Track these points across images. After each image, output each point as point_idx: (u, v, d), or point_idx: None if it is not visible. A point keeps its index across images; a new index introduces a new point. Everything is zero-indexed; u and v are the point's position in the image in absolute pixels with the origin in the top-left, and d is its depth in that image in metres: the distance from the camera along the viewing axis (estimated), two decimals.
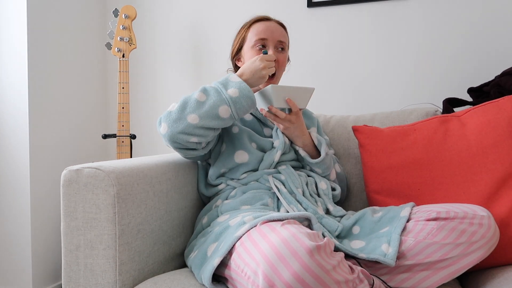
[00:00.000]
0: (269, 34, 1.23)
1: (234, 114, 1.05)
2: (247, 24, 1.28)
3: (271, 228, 0.81)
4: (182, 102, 1.05)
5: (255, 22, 1.27)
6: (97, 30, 2.07)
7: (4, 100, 1.72)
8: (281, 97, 1.11)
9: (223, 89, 1.04)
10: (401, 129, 1.24)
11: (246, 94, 1.04)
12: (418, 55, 1.70)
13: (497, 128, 1.11)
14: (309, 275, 0.70)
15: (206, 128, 1.05)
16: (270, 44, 1.23)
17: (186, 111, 1.03)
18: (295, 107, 1.13)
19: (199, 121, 1.02)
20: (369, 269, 0.95)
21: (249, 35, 1.25)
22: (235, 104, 1.04)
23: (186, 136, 1.04)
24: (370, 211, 1.08)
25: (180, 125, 1.03)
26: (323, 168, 1.22)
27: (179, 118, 1.03)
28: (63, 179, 0.93)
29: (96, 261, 0.92)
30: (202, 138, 1.06)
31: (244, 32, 1.27)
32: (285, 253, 0.72)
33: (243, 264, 0.80)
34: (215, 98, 1.04)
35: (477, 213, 0.93)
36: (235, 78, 1.06)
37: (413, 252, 0.92)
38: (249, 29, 1.26)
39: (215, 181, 1.19)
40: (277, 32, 1.25)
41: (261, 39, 1.23)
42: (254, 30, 1.24)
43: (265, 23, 1.26)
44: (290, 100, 1.12)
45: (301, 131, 1.20)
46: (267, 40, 1.23)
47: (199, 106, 1.03)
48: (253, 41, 1.23)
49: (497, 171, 1.08)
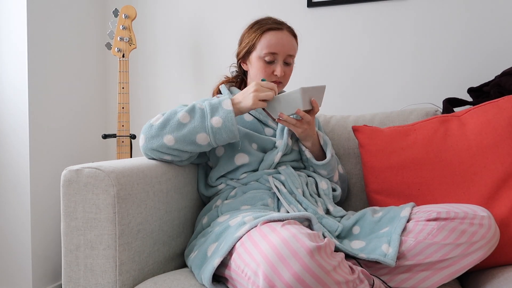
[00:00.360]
0: (280, 48, 1.19)
1: (213, 143, 1.06)
2: (259, 30, 1.21)
3: (271, 229, 0.81)
4: (165, 119, 1.06)
5: (268, 30, 1.20)
6: (97, 30, 2.07)
7: (4, 100, 1.72)
8: (308, 98, 1.09)
9: (209, 115, 1.05)
10: (401, 129, 1.24)
11: (228, 127, 1.04)
12: (418, 55, 1.70)
13: (497, 128, 1.11)
14: (309, 276, 0.70)
15: (180, 151, 1.07)
16: (279, 58, 1.20)
17: (165, 130, 1.04)
18: (318, 107, 1.12)
19: (174, 144, 1.04)
20: (369, 269, 0.95)
21: (260, 44, 1.20)
22: (215, 135, 1.04)
23: (159, 154, 1.07)
24: (370, 211, 1.08)
25: (155, 143, 1.05)
26: (329, 169, 1.22)
27: (157, 135, 1.05)
28: (63, 179, 0.93)
29: (96, 261, 0.92)
30: (176, 157, 1.09)
31: (255, 39, 1.21)
32: (285, 254, 0.72)
33: (243, 264, 0.80)
34: (196, 123, 1.04)
35: (477, 213, 0.93)
36: (226, 105, 1.05)
37: (413, 252, 0.92)
38: (261, 37, 1.20)
39: (215, 183, 1.19)
40: (288, 45, 1.20)
41: (271, 53, 1.19)
42: (265, 41, 1.19)
43: (278, 34, 1.20)
44: (315, 101, 1.10)
45: (313, 132, 1.19)
46: (277, 54, 1.19)
47: (179, 128, 1.04)
48: (263, 53, 1.19)
49: (497, 171, 1.08)
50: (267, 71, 1.20)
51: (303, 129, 1.14)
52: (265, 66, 1.20)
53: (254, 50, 1.22)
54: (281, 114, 1.10)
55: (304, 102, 1.08)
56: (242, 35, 1.28)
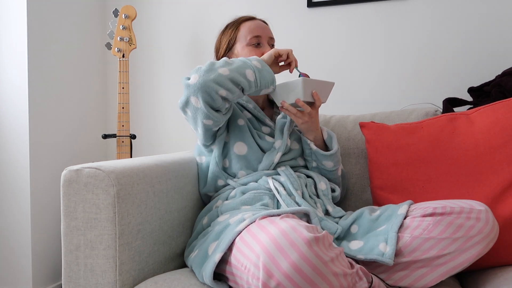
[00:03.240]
0: (262, 31, 1.25)
1: (258, 81, 1.07)
2: (234, 25, 1.28)
3: (270, 221, 0.81)
4: (210, 63, 1.06)
5: (243, 21, 1.27)
6: (97, 30, 2.07)
7: (4, 100, 1.72)
8: (309, 90, 1.10)
9: (248, 60, 1.08)
10: (408, 126, 1.24)
11: (267, 69, 1.08)
12: (418, 55, 1.70)
13: (506, 128, 1.10)
14: (307, 266, 0.71)
15: (234, 83, 1.05)
16: (264, 41, 1.25)
17: (216, 66, 1.05)
18: (320, 101, 1.13)
19: (229, 73, 1.03)
20: (367, 267, 0.95)
21: (241, 34, 1.25)
22: (260, 72, 1.07)
23: (216, 86, 1.03)
24: (368, 210, 1.08)
25: (212, 75, 1.03)
26: (335, 161, 1.22)
27: (210, 69, 1.04)
28: (63, 179, 0.93)
29: (96, 261, 0.92)
30: (230, 93, 1.05)
31: (233, 32, 1.27)
32: (283, 244, 0.73)
33: (243, 258, 0.81)
34: (241, 63, 1.07)
35: (474, 207, 0.92)
36: (254, 58, 1.10)
37: (409, 248, 0.92)
38: (238, 29, 1.26)
39: (214, 178, 1.19)
40: (266, 29, 1.27)
41: (255, 36, 1.23)
42: (245, 29, 1.25)
43: (254, 21, 1.27)
44: (317, 94, 1.12)
45: (316, 126, 1.20)
46: (261, 37, 1.24)
47: (228, 64, 1.06)
48: (248, 39, 1.23)
49: (503, 171, 1.07)
50: (258, 54, 1.23)
51: (304, 121, 1.15)
52: (254, 50, 1.23)
53: (237, 42, 1.26)
54: (283, 102, 1.12)
55: (305, 93, 1.09)
56: (217, 41, 1.33)
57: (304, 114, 1.13)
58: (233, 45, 1.27)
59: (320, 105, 1.15)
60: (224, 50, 1.29)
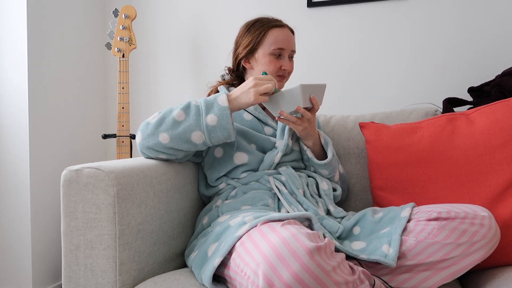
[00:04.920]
0: (287, 44, 1.22)
1: (207, 141, 1.05)
2: (264, 27, 1.23)
3: (271, 228, 0.80)
4: (161, 117, 1.06)
5: (273, 27, 1.23)
6: (97, 30, 2.07)
7: (4, 100, 1.72)
8: (307, 96, 1.09)
9: (204, 112, 1.03)
10: (408, 126, 1.24)
11: (223, 124, 1.02)
12: (418, 55, 1.70)
13: (506, 127, 1.10)
14: (308, 276, 0.70)
15: (175, 149, 1.07)
16: (286, 54, 1.23)
17: (161, 128, 1.04)
18: (318, 105, 1.12)
19: (169, 142, 1.04)
20: (370, 270, 0.95)
21: (267, 41, 1.21)
22: (210, 134, 1.03)
23: (155, 152, 1.08)
24: (370, 212, 1.08)
25: (151, 141, 1.05)
26: (330, 169, 1.21)
27: (152, 134, 1.05)
28: (63, 179, 0.93)
29: (96, 261, 0.92)
30: (172, 156, 1.09)
31: (260, 36, 1.23)
32: (285, 253, 0.72)
33: (243, 264, 0.80)
34: (191, 121, 1.03)
35: (478, 213, 0.93)
36: (222, 101, 1.03)
37: (414, 252, 0.92)
38: (266, 34, 1.22)
39: (215, 183, 1.19)
40: (292, 41, 1.25)
41: (279, 48, 1.21)
42: (272, 37, 1.21)
43: (282, 31, 1.23)
44: (315, 98, 1.10)
45: (314, 131, 1.19)
46: (284, 50, 1.22)
47: (174, 126, 1.03)
48: (272, 49, 1.20)
49: (503, 172, 1.07)
50: (276, 66, 1.22)
51: (304, 127, 1.14)
52: (274, 61, 1.21)
53: (260, 47, 1.22)
54: (281, 112, 1.09)
55: (304, 99, 1.07)
56: (240, 36, 1.28)
57: (304, 121, 1.13)
58: (256, 49, 1.23)
59: (318, 108, 1.14)
60: (245, 50, 1.24)
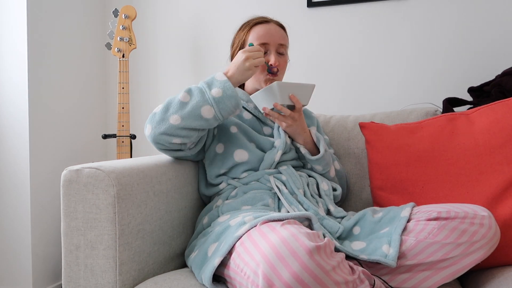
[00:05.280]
0: (270, 38, 1.22)
1: (218, 114, 1.05)
2: (247, 27, 1.26)
3: (271, 228, 0.81)
4: (166, 103, 1.06)
5: (255, 24, 1.25)
6: (97, 30, 2.07)
7: (4, 100, 1.72)
8: (286, 94, 1.11)
9: (207, 89, 1.05)
10: (408, 126, 1.24)
11: (229, 94, 1.04)
12: (418, 55, 1.70)
13: (506, 127, 1.10)
14: (308, 275, 0.70)
15: (189, 129, 1.06)
16: (272, 48, 1.22)
17: (169, 112, 1.04)
18: (299, 103, 1.13)
19: (181, 122, 1.03)
20: (370, 269, 0.95)
21: (251, 37, 1.23)
22: (218, 105, 1.04)
23: (168, 137, 1.06)
24: (370, 212, 1.08)
25: (162, 126, 1.04)
26: (323, 164, 1.22)
27: (162, 119, 1.05)
28: (63, 179, 0.93)
29: (96, 261, 0.92)
30: (185, 139, 1.07)
31: (244, 35, 1.25)
32: (284, 253, 0.72)
33: (242, 263, 0.80)
34: (198, 98, 1.04)
35: (477, 213, 0.93)
36: (220, 77, 1.06)
37: (414, 252, 0.92)
38: (249, 32, 1.24)
39: (215, 180, 1.19)
40: (277, 35, 1.23)
41: (262, 43, 1.21)
42: (254, 34, 1.23)
43: (265, 26, 1.24)
44: (294, 97, 1.12)
45: (303, 129, 1.20)
46: (268, 44, 1.22)
47: (182, 106, 1.04)
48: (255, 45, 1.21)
49: (503, 172, 1.07)
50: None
51: (288, 124, 1.16)
52: None
53: (245, 45, 1.24)
54: (264, 108, 1.13)
55: (282, 96, 1.10)
56: (233, 38, 1.31)
57: (287, 118, 1.14)
58: (243, 47, 1.25)
59: (301, 107, 1.15)
60: (236, 52, 1.28)
